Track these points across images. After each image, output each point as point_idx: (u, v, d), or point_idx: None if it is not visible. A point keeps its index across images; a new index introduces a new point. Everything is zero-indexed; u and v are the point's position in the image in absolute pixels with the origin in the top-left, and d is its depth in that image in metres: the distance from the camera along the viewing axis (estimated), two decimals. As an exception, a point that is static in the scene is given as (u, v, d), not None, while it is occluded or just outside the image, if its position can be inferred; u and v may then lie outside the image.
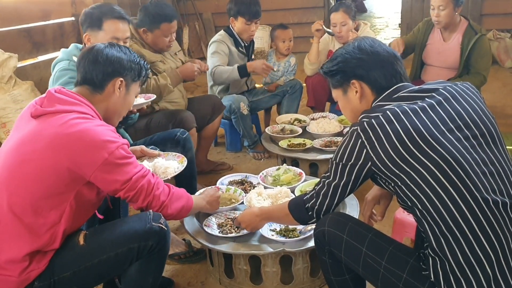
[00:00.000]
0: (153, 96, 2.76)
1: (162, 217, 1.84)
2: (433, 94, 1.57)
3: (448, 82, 1.64)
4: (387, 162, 1.48)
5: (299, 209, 1.79)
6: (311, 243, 2.09)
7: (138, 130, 3.04)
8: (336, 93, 1.79)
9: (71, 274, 1.71)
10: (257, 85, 4.31)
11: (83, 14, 2.62)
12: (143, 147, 2.40)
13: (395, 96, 1.61)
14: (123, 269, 1.82)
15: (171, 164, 2.33)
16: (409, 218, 2.35)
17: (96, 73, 1.84)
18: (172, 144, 2.78)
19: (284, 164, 2.88)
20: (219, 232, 2.25)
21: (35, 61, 4.89)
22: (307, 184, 2.59)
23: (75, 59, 2.53)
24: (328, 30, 3.84)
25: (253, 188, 2.60)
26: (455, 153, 1.45)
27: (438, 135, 1.47)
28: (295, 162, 3.26)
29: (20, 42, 4.65)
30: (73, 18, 5.34)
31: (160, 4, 3.24)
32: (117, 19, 2.55)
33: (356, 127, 1.55)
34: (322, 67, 1.80)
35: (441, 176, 1.43)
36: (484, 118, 1.55)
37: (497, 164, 1.50)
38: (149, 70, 2.09)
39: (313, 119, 3.70)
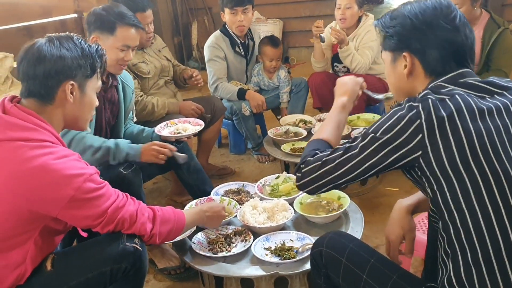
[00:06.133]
0: (202, 124, 2.72)
1: (137, 237, 1.66)
2: (505, 92, 1.32)
3: None
4: (444, 160, 1.23)
5: (301, 157, 1.50)
6: (308, 266, 1.89)
7: None
8: (385, 55, 1.52)
9: None
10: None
11: (92, 13, 2.44)
12: None
13: (461, 81, 1.34)
14: None
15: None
16: (419, 235, 2.13)
17: (40, 81, 1.56)
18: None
19: (284, 172, 2.67)
20: (209, 250, 2.07)
21: (36, 60, 4.76)
22: (307, 195, 2.37)
23: None
24: (321, 35, 3.56)
25: (250, 199, 2.40)
26: (510, 170, 1.22)
27: (498, 145, 1.24)
28: (299, 168, 3.05)
29: (20, 41, 4.46)
30: (75, 15, 5.20)
31: None
32: (132, 26, 2.41)
33: (416, 104, 1.27)
34: (379, 19, 1.50)
35: (484, 192, 1.21)
36: None
37: None
38: (106, 56, 1.77)
39: (319, 120, 3.47)
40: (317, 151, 1.47)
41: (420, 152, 1.26)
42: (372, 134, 1.34)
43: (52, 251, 1.67)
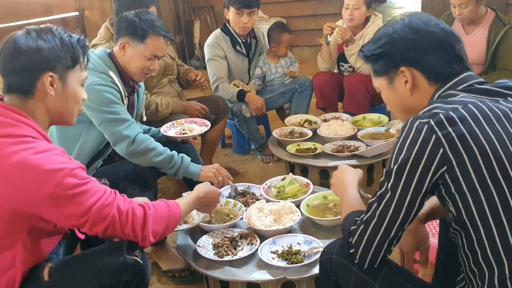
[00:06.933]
0: (209, 125, 2.69)
1: (139, 248, 1.59)
2: None
3: None
4: (471, 171, 1.17)
5: (344, 234, 1.44)
6: (316, 270, 1.85)
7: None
8: (378, 82, 1.46)
9: None
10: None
11: (124, 19, 2.39)
12: None
13: (469, 85, 1.30)
14: None
15: None
16: (430, 239, 2.09)
17: (18, 75, 1.48)
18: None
19: (290, 174, 2.63)
20: (214, 254, 2.03)
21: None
22: (314, 197, 2.33)
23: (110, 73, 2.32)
24: (329, 36, 3.53)
25: (256, 201, 2.37)
26: None
27: None
28: (304, 169, 3.01)
29: (20, 39, 4.48)
30: (77, 13, 5.16)
31: None
32: (163, 37, 2.40)
33: (426, 120, 1.22)
34: (362, 49, 1.48)
35: (500, 206, 1.16)
36: None
37: None
38: (88, 46, 1.66)
39: (324, 120, 3.43)
40: (356, 218, 1.41)
41: (445, 167, 1.21)
42: (394, 169, 1.27)
43: (45, 254, 1.61)
